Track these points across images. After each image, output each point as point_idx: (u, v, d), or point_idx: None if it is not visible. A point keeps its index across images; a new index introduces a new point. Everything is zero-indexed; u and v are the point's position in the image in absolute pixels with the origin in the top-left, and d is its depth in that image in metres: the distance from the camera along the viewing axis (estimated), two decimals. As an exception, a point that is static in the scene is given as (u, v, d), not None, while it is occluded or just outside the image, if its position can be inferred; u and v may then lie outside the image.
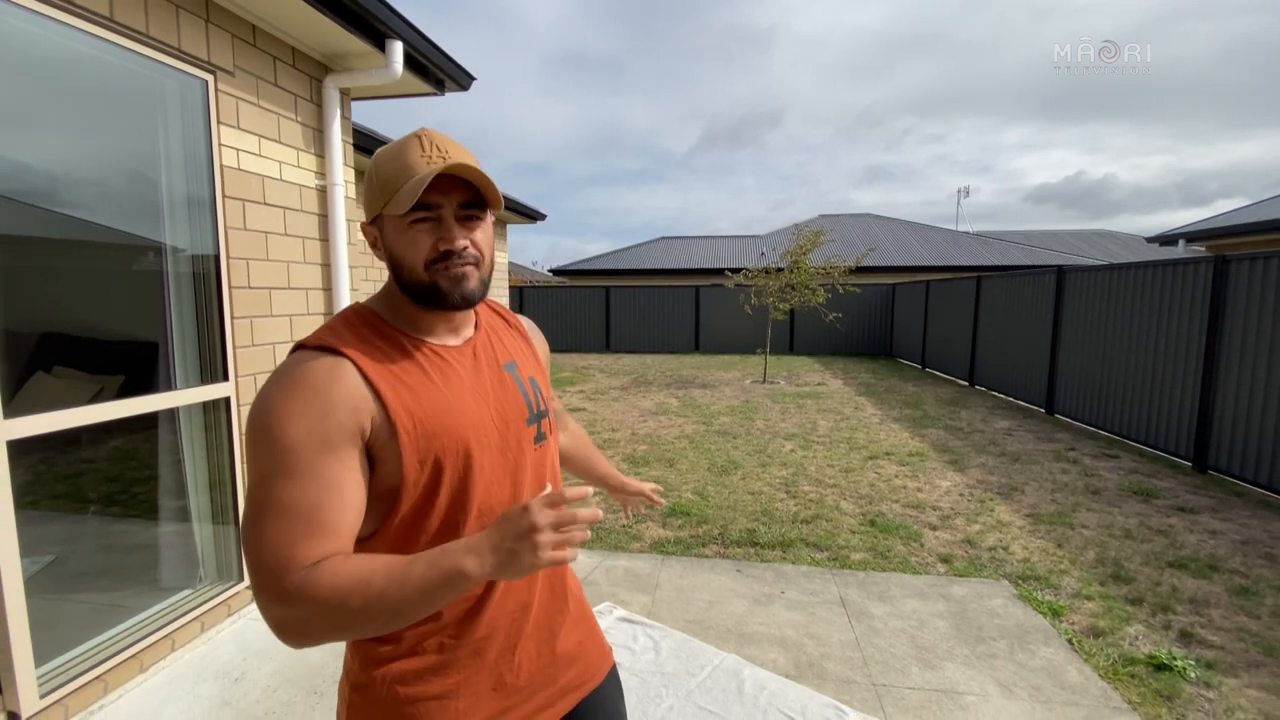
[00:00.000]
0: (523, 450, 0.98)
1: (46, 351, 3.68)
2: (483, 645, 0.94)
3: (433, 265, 0.88)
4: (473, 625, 0.93)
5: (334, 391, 0.82)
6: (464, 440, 0.89)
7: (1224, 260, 5.37)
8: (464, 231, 0.89)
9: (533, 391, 1.03)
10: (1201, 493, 4.87)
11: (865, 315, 15.83)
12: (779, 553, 3.71)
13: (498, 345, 1.03)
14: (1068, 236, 31.40)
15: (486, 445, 0.92)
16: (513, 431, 0.97)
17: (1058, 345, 7.89)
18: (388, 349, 0.90)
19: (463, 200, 0.89)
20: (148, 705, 2.25)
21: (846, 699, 2.35)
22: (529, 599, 1.00)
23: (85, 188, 2.69)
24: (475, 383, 0.95)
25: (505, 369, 1.01)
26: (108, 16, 2.20)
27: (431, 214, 0.87)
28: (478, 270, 0.91)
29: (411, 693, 0.90)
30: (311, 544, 0.77)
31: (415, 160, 0.86)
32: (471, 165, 0.86)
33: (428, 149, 0.87)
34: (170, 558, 2.85)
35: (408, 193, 0.84)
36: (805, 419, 7.78)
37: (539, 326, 1.23)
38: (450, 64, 3.59)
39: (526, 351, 1.09)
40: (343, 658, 1.18)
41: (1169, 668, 2.59)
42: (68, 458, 3.72)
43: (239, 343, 2.79)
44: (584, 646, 1.09)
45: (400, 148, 0.88)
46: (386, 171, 0.88)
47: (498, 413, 0.95)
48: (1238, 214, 11.20)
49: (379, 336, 0.91)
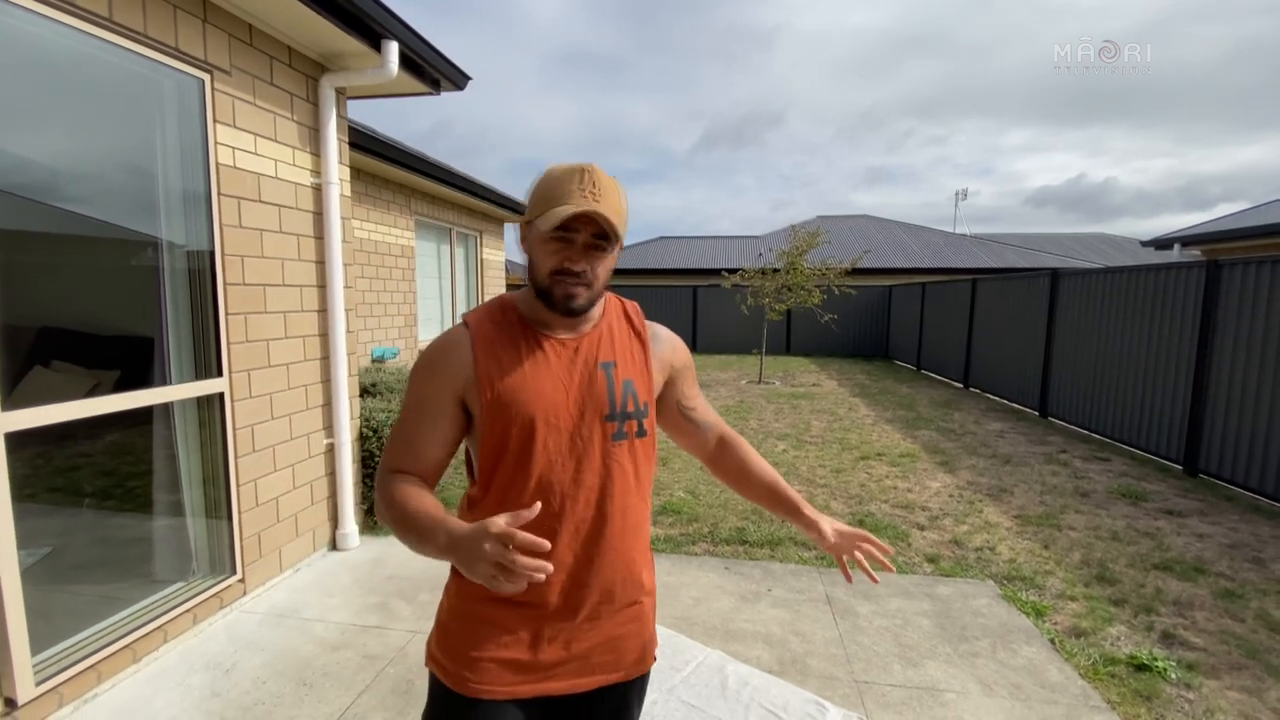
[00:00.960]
0: (593, 440, 1.09)
1: (45, 346, 3.71)
2: (541, 598, 1.08)
3: (555, 275, 1.05)
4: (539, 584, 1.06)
5: (450, 355, 1.09)
6: (530, 415, 1.05)
7: (1216, 265, 5.41)
8: (588, 258, 1.05)
9: (622, 392, 1.12)
10: (1191, 496, 4.90)
11: (862, 316, 15.87)
12: (768, 551, 3.75)
13: (605, 345, 1.14)
14: (1065, 239, 31.46)
15: (554, 426, 1.06)
16: (587, 422, 1.08)
17: (1051, 348, 7.92)
18: (505, 331, 1.11)
19: (595, 233, 1.04)
20: (139, 695, 2.28)
21: (828, 695, 2.38)
22: (598, 580, 1.11)
23: (83, 184, 2.72)
24: (564, 373, 1.09)
25: (600, 366, 1.11)
26: (106, 16, 2.23)
27: (567, 235, 1.03)
28: (588, 291, 1.07)
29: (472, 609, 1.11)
30: (403, 458, 1.09)
31: (573, 191, 1.01)
32: (610, 215, 1.01)
33: (585, 185, 1.02)
34: (164, 551, 2.88)
35: (552, 218, 1.00)
36: (799, 419, 7.81)
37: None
38: (446, 64, 3.62)
39: (637, 355, 1.18)
40: (329, 650, 1.23)
41: (1150, 668, 2.62)
42: (65, 451, 3.75)
43: (233, 339, 2.82)
44: (627, 641, 1.17)
45: (566, 174, 1.04)
46: (547, 190, 1.04)
47: (575, 402, 1.08)
48: (1233, 218, 11.24)
49: (505, 320, 1.12)
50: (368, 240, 6.31)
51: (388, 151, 5.72)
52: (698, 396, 1.35)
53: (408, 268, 7.06)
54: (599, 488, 1.09)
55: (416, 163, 6.22)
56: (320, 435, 3.44)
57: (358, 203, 6.09)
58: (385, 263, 6.64)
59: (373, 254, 6.41)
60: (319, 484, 3.45)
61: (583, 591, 1.10)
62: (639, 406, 1.14)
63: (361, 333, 6.23)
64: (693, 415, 1.32)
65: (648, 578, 1.20)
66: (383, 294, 6.62)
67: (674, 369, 1.27)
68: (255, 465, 2.98)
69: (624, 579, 1.14)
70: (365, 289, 6.29)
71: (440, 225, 7.98)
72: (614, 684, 1.16)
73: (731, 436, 1.38)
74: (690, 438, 1.36)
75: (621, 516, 1.12)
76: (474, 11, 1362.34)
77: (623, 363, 1.14)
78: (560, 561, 1.06)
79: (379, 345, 6.56)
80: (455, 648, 1.10)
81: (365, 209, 6.27)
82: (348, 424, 3.55)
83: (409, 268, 7.08)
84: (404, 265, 6.98)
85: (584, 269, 1.05)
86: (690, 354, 1.34)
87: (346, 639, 2.70)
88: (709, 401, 8.44)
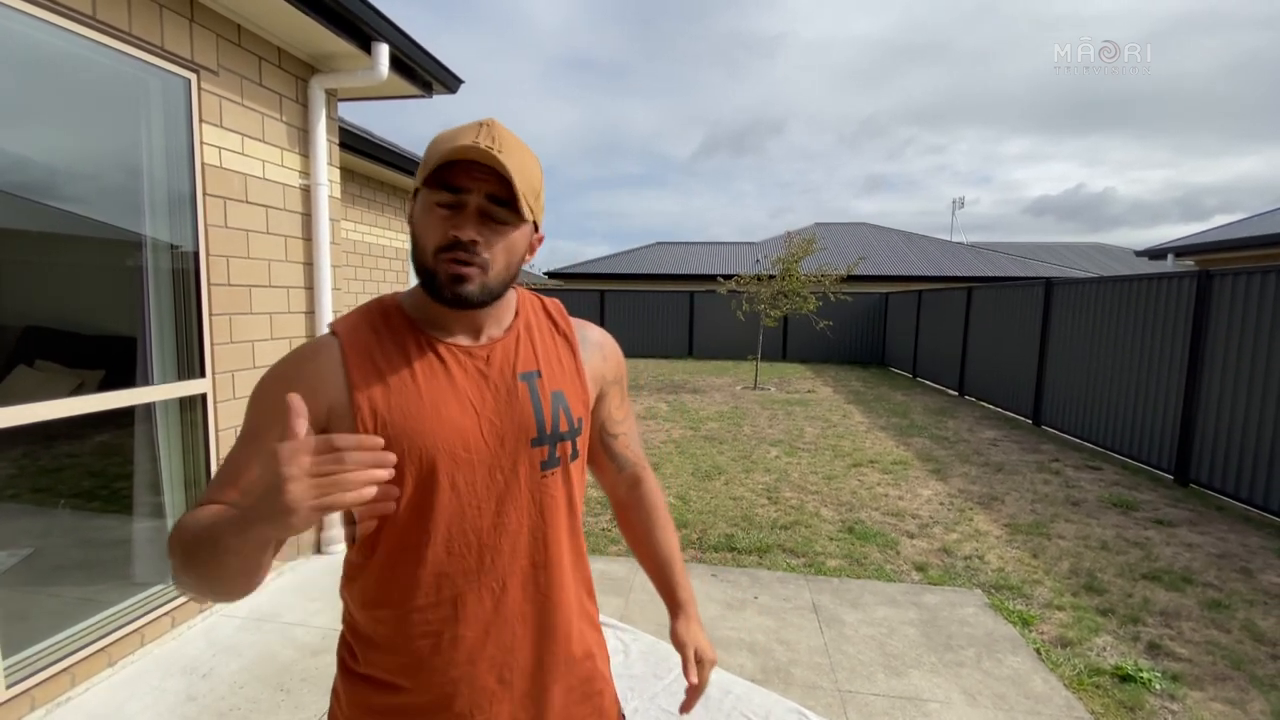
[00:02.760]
0: (517, 474, 0.86)
1: (29, 345, 3.69)
2: (471, 689, 0.85)
3: (440, 253, 0.81)
4: (432, 673, 0.84)
5: (306, 368, 0.83)
6: (429, 451, 0.81)
7: (1208, 275, 5.42)
8: (481, 228, 0.81)
9: (551, 408, 0.89)
10: (1181, 506, 4.90)
11: (858, 323, 15.89)
12: (756, 558, 3.73)
13: (524, 352, 0.91)
14: (1060, 249, 31.58)
15: (464, 462, 0.83)
16: (508, 450, 0.86)
17: (1045, 357, 7.93)
18: (387, 340, 0.86)
19: (490, 193, 0.80)
20: (113, 699, 2.25)
21: (811, 704, 2.37)
22: (541, 650, 0.89)
23: (67, 183, 2.71)
24: (473, 390, 0.86)
25: (520, 378, 0.89)
26: (90, 15, 2.21)
27: (456, 199, 0.80)
28: (482, 274, 0.82)
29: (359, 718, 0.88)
30: (217, 496, 0.77)
31: (464, 138, 0.79)
32: (508, 164, 0.78)
33: (483, 135, 0.79)
34: (144, 553, 2.86)
35: (432, 162, 0.79)
36: (793, 425, 7.80)
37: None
38: (437, 66, 3.61)
39: (565, 361, 0.95)
40: (309, 656, 1.15)
41: (1134, 679, 2.61)
42: (50, 452, 3.73)
43: (217, 339, 2.80)
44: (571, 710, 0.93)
45: (459, 128, 0.82)
46: (435, 143, 0.83)
47: (491, 427, 0.85)
48: (1226, 229, 11.28)
49: (387, 326, 0.87)
50: (360, 242, 6.30)
51: (380, 153, 5.72)
52: (626, 420, 1.08)
53: (401, 270, 7.05)
54: (529, 531, 0.87)
55: (410, 165, 6.22)
56: (306, 437, 3.41)
57: (350, 204, 6.08)
58: (379, 265, 6.63)
59: (365, 256, 6.40)
60: (304, 487, 3.42)
61: (524, 671, 0.87)
62: (573, 424, 0.91)
63: (353, 335, 6.21)
64: (613, 445, 1.06)
65: (596, 635, 0.98)
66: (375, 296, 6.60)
67: (605, 381, 1.02)
68: (238, 467, 2.96)
69: (577, 640, 0.93)
70: (358, 291, 6.28)
71: (435, 228, 7.98)
72: None
73: (648, 485, 1.12)
74: (602, 473, 1.09)
75: (560, 563, 0.90)
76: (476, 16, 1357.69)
77: (549, 372, 0.92)
78: (488, 637, 0.84)
79: (371, 348, 6.54)
80: None
81: (359, 211, 6.26)
82: (334, 426, 3.52)
83: (402, 270, 7.07)
84: (397, 268, 6.97)
85: (474, 239, 0.80)
86: (624, 362, 1.09)
87: (327, 644, 2.67)
88: (705, 408, 8.18)
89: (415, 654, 0.84)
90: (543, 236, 0.92)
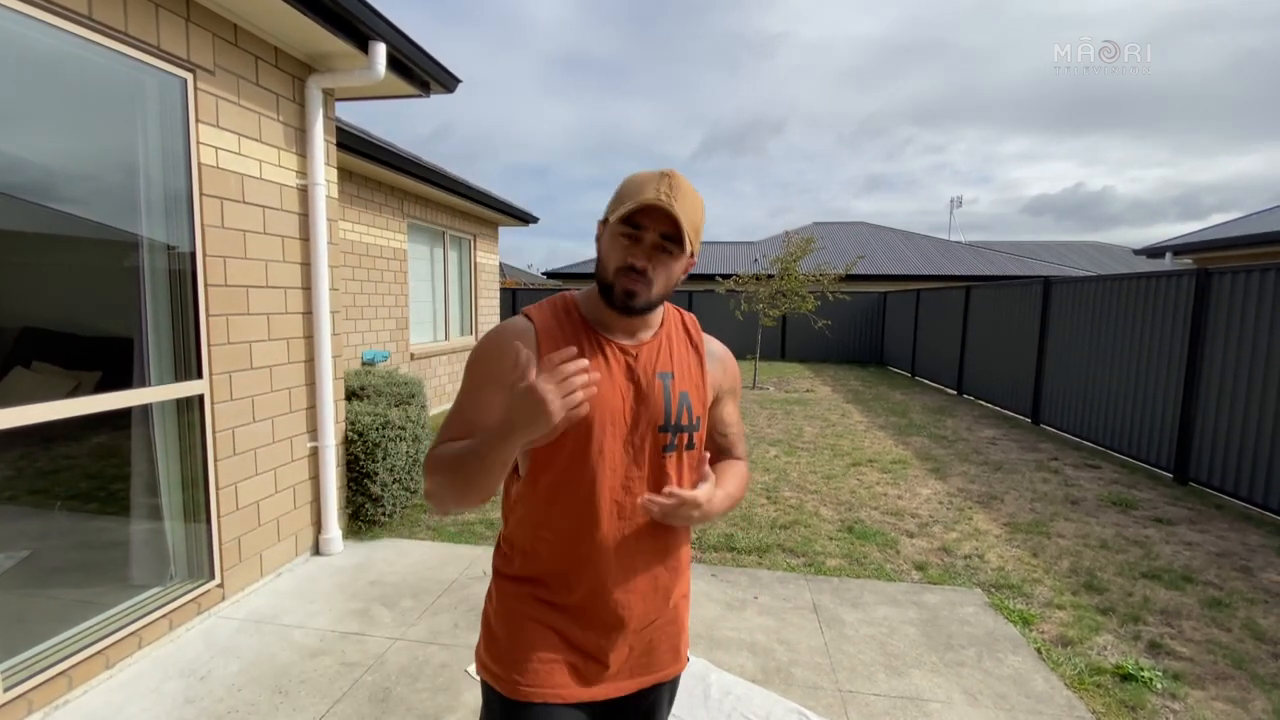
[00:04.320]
0: (644, 449, 1.09)
1: (26, 346, 3.67)
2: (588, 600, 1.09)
3: (619, 271, 1.05)
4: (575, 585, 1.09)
5: (514, 342, 1.05)
6: (588, 419, 1.04)
7: (1206, 274, 5.42)
8: (652, 257, 1.05)
9: (678, 404, 1.11)
10: (1181, 504, 4.90)
11: (857, 323, 15.88)
12: (755, 558, 3.72)
13: (663, 355, 1.14)
14: (1058, 247, 31.61)
15: (610, 433, 1.06)
16: (640, 431, 1.09)
17: (1044, 355, 7.93)
18: (567, 330, 1.10)
19: (664, 232, 1.03)
20: (110, 702, 2.24)
21: (812, 704, 2.36)
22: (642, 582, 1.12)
23: (62, 183, 2.70)
24: (623, 379, 1.09)
25: (658, 376, 1.11)
26: (86, 14, 2.20)
27: (636, 232, 1.04)
28: (648, 291, 1.06)
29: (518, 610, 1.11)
30: (453, 437, 1.06)
31: (648, 189, 1.02)
32: (680, 213, 1.01)
33: (663, 186, 1.02)
34: (142, 555, 2.84)
35: (624, 208, 1.02)
36: (791, 425, 7.80)
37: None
38: (434, 66, 3.60)
39: (693, 368, 1.17)
40: (307, 658, 1.20)
41: (1135, 678, 2.60)
42: (48, 454, 3.71)
43: (214, 340, 2.79)
44: (667, 643, 1.19)
45: (646, 176, 1.05)
46: (625, 188, 1.06)
47: (632, 410, 1.08)
48: (1224, 227, 11.29)
49: (568, 320, 1.12)
50: (359, 243, 6.29)
51: (379, 154, 5.70)
52: (735, 425, 1.30)
53: (399, 270, 7.03)
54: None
55: (408, 165, 6.21)
56: (304, 439, 3.40)
57: (349, 205, 6.07)
58: (377, 265, 6.61)
59: (364, 256, 6.38)
60: (302, 488, 3.42)
61: (628, 594, 1.10)
62: (692, 420, 1.13)
63: (352, 335, 6.20)
64: (722, 444, 1.27)
65: (684, 582, 1.22)
66: (374, 297, 6.59)
67: (722, 390, 1.24)
68: (236, 469, 2.95)
69: (666, 583, 1.15)
70: (356, 291, 6.26)
71: (433, 228, 7.96)
72: (653, 685, 1.18)
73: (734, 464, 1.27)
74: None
75: (679, 531, 1.15)
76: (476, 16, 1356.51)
77: (680, 374, 1.14)
78: (608, 561, 1.08)
79: (369, 348, 6.52)
80: (504, 654, 1.10)
81: (357, 211, 6.24)
82: (332, 428, 3.52)
83: (401, 270, 7.06)
84: (395, 268, 6.95)
85: (647, 267, 1.04)
86: (740, 375, 1.31)
87: (325, 646, 2.66)
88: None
89: (564, 563, 1.09)
90: (695, 260, 1.13)
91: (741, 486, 1.23)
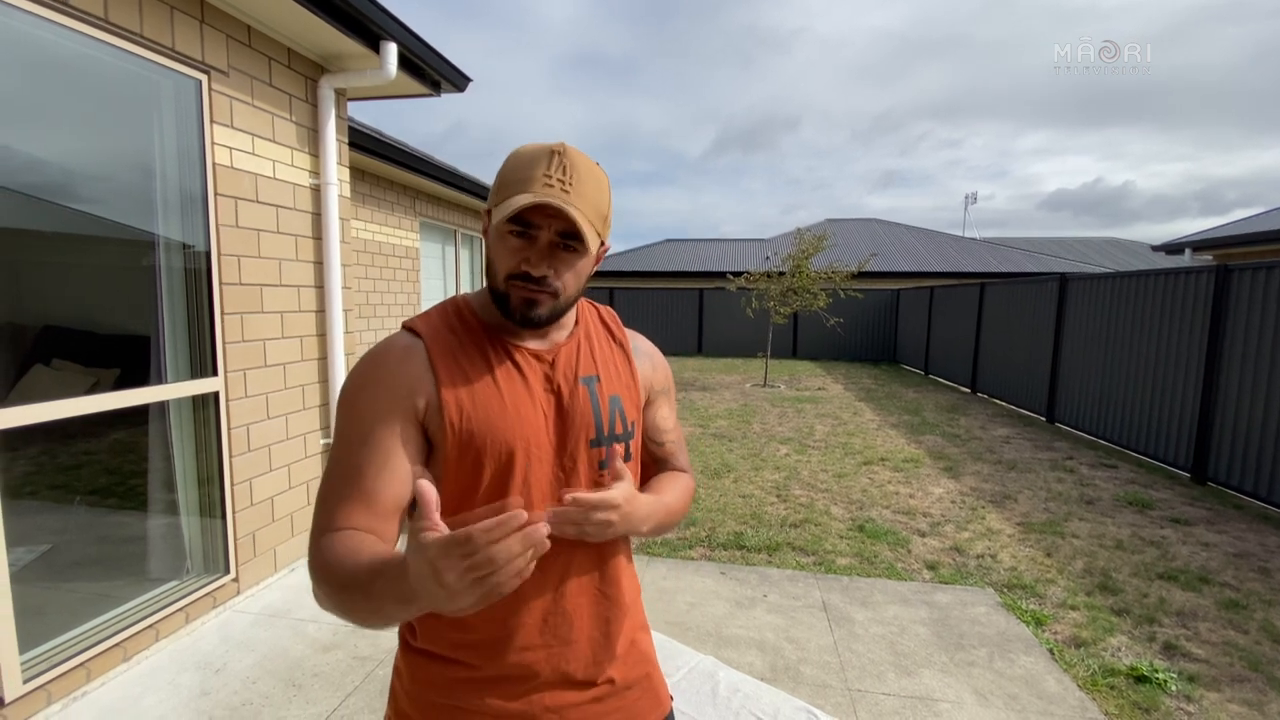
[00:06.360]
0: (577, 472, 0.92)
1: (46, 344, 3.74)
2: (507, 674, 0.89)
3: (511, 279, 0.87)
4: (500, 651, 0.89)
5: (400, 370, 0.88)
6: (508, 446, 0.87)
7: (1226, 270, 5.33)
8: (552, 260, 0.87)
9: (609, 411, 0.95)
10: (1199, 504, 4.83)
11: (869, 320, 15.78)
12: (765, 556, 3.72)
13: (584, 357, 0.97)
14: (1075, 243, 31.21)
15: (535, 458, 0.89)
16: (569, 451, 0.91)
17: (1059, 353, 7.84)
18: (466, 341, 0.92)
19: (562, 230, 0.85)
20: (127, 694, 2.28)
21: (820, 703, 2.36)
22: (599, 634, 0.94)
23: (81, 184, 2.74)
24: (541, 391, 0.92)
25: (582, 381, 0.94)
26: (102, 17, 2.24)
27: (529, 231, 0.86)
28: (553, 300, 0.89)
29: (438, 699, 0.90)
30: (347, 506, 0.82)
31: (536, 176, 0.84)
32: (580, 210, 0.84)
33: (553, 170, 0.84)
34: (158, 549, 2.89)
35: (506, 209, 0.83)
36: (803, 423, 7.77)
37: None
38: (445, 65, 3.62)
39: (621, 368, 1.01)
40: (320, 652, 1.12)
41: (1150, 680, 2.58)
42: (68, 450, 3.78)
43: (229, 338, 2.82)
44: (642, 703, 0.98)
45: (533, 156, 0.86)
46: (509, 173, 0.87)
47: (556, 427, 0.91)
48: (1246, 223, 11.08)
49: (464, 328, 0.93)
50: (371, 241, 6.34)
51: (391, 153, 5.74)
52: (672, 430, 1.10)
53: (412, 269, 7.08)
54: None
55: (420, 164, 6.24)
56: (317, 435, 3.44)
57: (361, 204, 6.12)
58: (389, 264, 6.66)
59: (376, 255, 6.43)
60: (315, 484, 3.46)
61: (582, 653, 0.92)
62: (627, 427, 0.97)
63: (365, 333, 6.25)
64: (659, 453, 1.08)
65: (638, 612, 1.03)
66: (386, 295, 6.63)
67: (653, 390, 1.06)
68: (250, 465, 2.99)
69: (630, 630, 0.98)
70: (369, 290, 6.31)
71: (445, 227, 8.00)
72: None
73: (684, 476, 1.12)
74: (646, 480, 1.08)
75: (614, 558, 0.97)
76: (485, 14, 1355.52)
77: (606, 377, 0.97)
78: (545, 623, 0.90)
79: (382, 346, 6.57)
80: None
81: (369, 210, 6.29)
82: (345, 424, 3.55)
83: (413, 269, 7.10)
84: (408, 266, 7.00)
85: (546, 274, 0.86)
86: (671, 372, 1.13)
87: (338, 640, 2.69)
88: (714, 405, 8.11)
89: (479, 632, 0.89)
90: (608, 246, 0.96)
91: (683, 499, 1.05)
